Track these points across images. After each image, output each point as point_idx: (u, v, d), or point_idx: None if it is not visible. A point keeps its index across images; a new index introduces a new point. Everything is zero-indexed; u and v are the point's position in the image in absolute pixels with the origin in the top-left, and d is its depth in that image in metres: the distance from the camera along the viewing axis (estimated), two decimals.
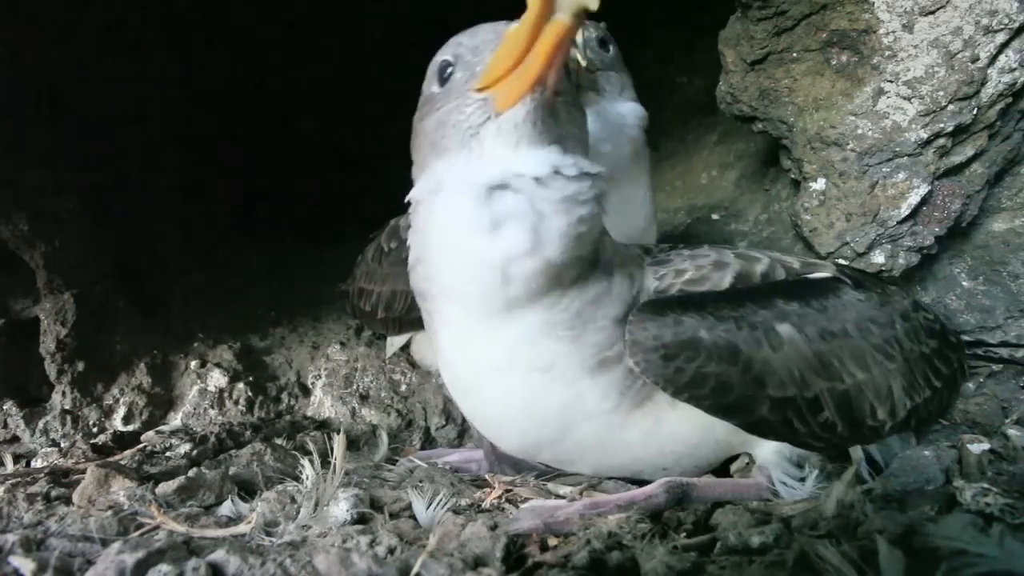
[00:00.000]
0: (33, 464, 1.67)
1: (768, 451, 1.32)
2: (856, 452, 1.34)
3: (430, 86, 1.25)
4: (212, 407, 2.06)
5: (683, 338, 1.19)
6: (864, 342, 1.30)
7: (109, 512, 1.20)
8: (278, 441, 1.77)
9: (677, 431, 1.28)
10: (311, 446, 1.50)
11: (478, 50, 1.16)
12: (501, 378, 1.28)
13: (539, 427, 1.33)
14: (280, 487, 1.28)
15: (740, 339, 1.21)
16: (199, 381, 2.10)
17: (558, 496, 1.41)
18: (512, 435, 1.42)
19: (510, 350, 1.23)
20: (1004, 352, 1.92)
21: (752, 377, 1.20)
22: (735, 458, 1.42)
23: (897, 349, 1.34)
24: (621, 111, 1.71)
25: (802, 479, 1.28)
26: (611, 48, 1.75)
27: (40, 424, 1.89)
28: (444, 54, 1.23)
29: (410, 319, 1.79)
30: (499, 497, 1.37)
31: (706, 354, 1.19)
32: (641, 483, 1.33)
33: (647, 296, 1.28)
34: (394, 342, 2.06)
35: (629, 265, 1.29)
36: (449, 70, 1.20)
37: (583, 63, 1.57)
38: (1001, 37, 1.66)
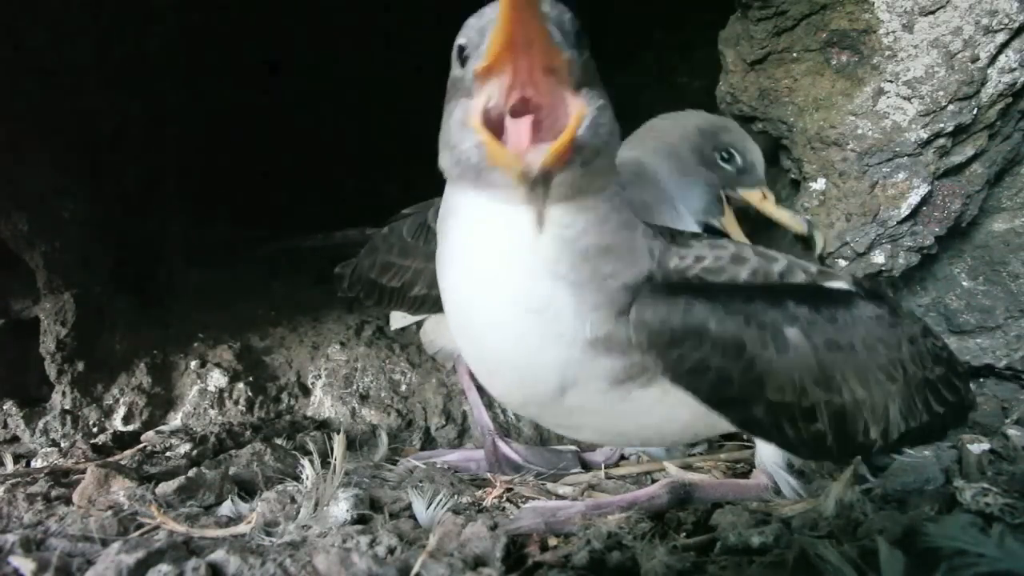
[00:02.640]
0: (33, 464, 1.67)
1: (770, 449, 1.31)
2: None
3: None
4: (212, 407, 2.06)
5: (690, 325, 1.16)
6: (869, 360, 1.27)
7: (109, 512, 1.20)
8: (278, 441, 1.77)
9: (679, 414, 1.26)
10: (311, 446, 1.50)
11: None
12: (495, 306, 1.19)
13: (532, 380, 1.24)
14: (280, 487, 1.28)
15: (747, 336, 1.18)
16: (199, 381, 2.10)
17: (558, 496, 1.42)
18: (504, 383, 1.33)
19: (509, 278, 1.15)
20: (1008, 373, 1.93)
21: (753, 377, 1.18)
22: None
23: (900, 372, 1.31)
24: None
25: (802, 475, 1.29)
26: None
27: (40, 424, 1.89)
28: None
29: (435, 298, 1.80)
30: (499, 497, 1.37)
31: (711, 345, 1.17)
32: (643, 483, 1.33)
33: (665, 274, 1.24)
34: (403, 319, 2.03)
35: (652, 239, 1.26)
36: None
37: None
38: (1001, 37, 1.66)
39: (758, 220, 2.51)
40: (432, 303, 1.83)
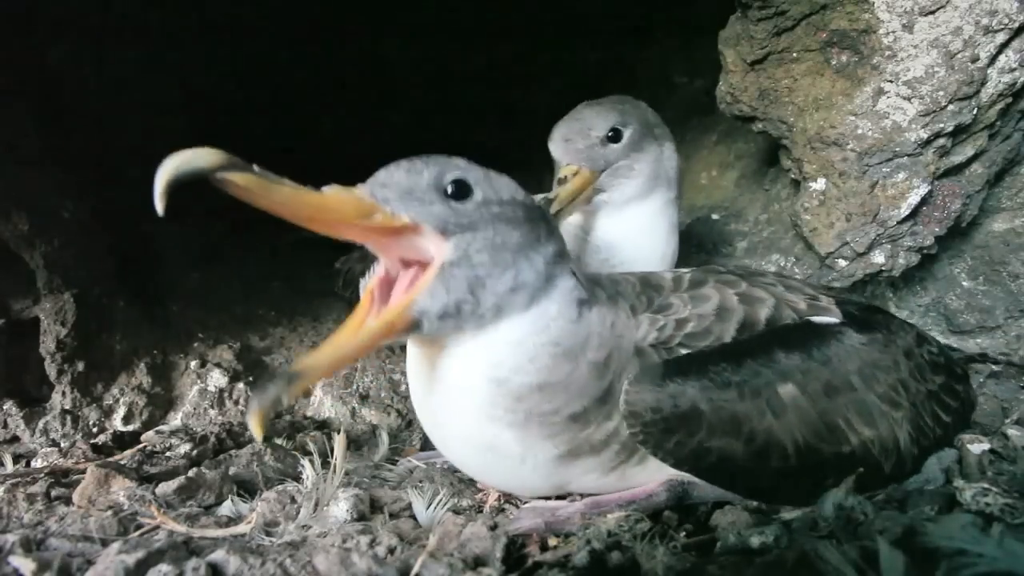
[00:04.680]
0: (33, 464, 1.67)
1: None
2: None
3: None
4: (212, 407, 2.06)
5: (683, 411, 1.14)
6: (869, 394, 1.24)
7: (109, 512, 1.20)
8: (278, 441, 1.77)
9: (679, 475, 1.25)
10: (311, 446, 1.50)
11: None
12: (455, 442, 1.28)
13: (520, 489, 1.33)
14: (280, 487, 1.28)
15: (742, 409, 1.16)
16: (199, 381, 2.10)
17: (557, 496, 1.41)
18: (489, 483, 1.40)
19: (457, 417, 1.21)
20: (1003, 358, 1.92)
21: (755, 449, 1.16)
22: None
23: (903, 395, 1.28)
24: (628, 193, 1.82)
25: None
26: (625, 133, 1.78)
27: (40, 424, 1.89)
28: None
29: None
30: (499, 497, 1.37)
31: (708, 428, 1.14)
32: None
33: (642, 345, 1.22)
34: None
35: (618, 321, 1.22)
36: None
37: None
38: (1001, 37, 1.66)
39: (756, 221, 2.52)
40: None
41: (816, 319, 1.32)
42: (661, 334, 1.23)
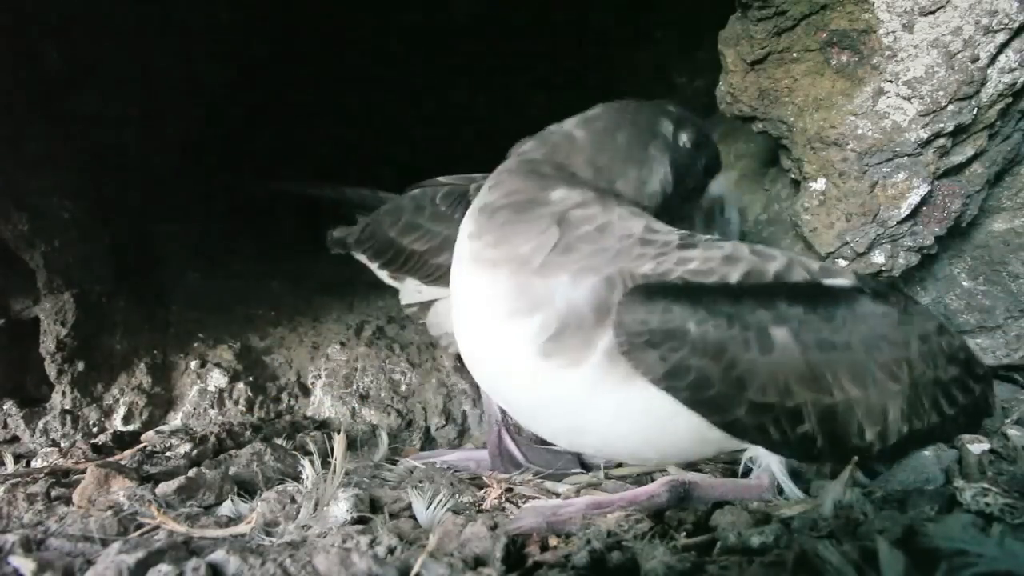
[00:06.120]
0: (33, 464, 1.67)
1: (765, 452, 1.30)
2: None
3: None
4: (212, 407, 2.06)
5: (669, 327, 1.17)
6: (867, 358, 1.23)
7: (109, 512, 1.20)
8: (278, 441, 1.77)
9: (656, 419, 1.24)
10: (311, 446, 1.50)
11: None
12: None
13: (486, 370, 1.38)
14: (280, 487, 1.28)
15: (728, 336, 1.17)
16: (199, 381, 2.10)
17: (557, 495, 1.42)
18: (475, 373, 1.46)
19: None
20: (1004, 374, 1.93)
21: (734, 377, 1.17)
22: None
23: (905, 371, 1.27)
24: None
25: (799, 476, 1.28)
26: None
27: (40, 424, 1.89)
28: None
29: None
30: (499, 497, 1.37)
31: (691, 347, 1.16)
32: (643, 483, 1.32)
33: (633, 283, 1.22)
34: (415, 293, 1.97)
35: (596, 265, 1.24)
36: None
37: None
38: (1001, 37, 1.66)
39: (757, 220, 2.52)
40: (438, 270, 1.81)
41: (828, 281, 1.31)
42: (658, 267, 1.24)
